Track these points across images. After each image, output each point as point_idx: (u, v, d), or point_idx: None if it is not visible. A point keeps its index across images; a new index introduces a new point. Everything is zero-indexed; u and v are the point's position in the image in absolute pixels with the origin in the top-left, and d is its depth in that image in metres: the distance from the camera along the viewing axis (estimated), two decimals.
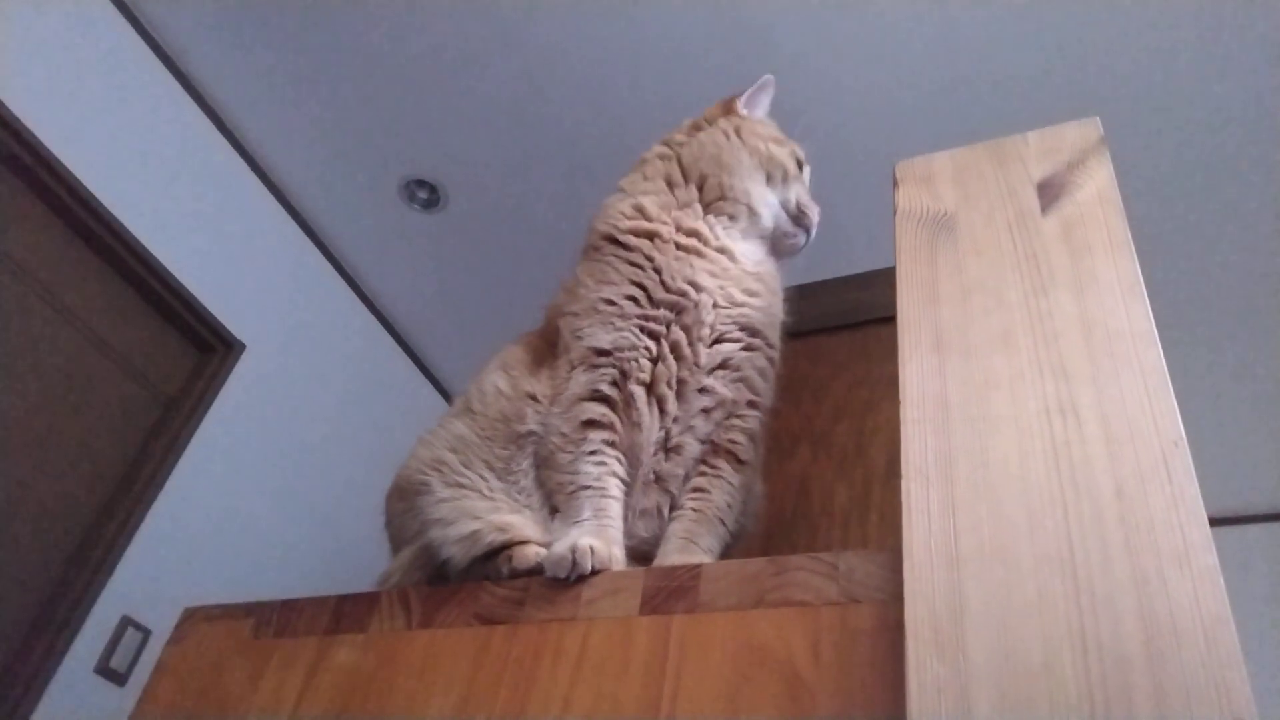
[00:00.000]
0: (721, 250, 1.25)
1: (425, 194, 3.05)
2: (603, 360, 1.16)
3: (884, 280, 1.81)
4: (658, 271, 1.20)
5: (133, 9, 2.58)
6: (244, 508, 2.79)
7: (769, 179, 1.33)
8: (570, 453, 1.11)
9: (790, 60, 2.45)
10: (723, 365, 1.19)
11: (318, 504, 3.04)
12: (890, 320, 1.85)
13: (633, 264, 1.22)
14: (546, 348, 1.26)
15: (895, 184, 1.05)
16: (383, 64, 2.65)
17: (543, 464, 1.14)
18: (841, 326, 1.89)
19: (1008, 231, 0.94)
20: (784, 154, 1.36)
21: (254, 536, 2.80)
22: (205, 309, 2.74)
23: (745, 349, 1.21)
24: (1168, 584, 0.68)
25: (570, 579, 0.97)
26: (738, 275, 1.24)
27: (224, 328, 2.81)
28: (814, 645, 0.79)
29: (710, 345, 1.18)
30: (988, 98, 2.43)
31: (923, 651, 0.70)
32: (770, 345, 1.25)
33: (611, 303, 1.19)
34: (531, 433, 1.16)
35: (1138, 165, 2.40)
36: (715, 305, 1.19)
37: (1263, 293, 2.69)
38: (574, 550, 0.97)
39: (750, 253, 1.29)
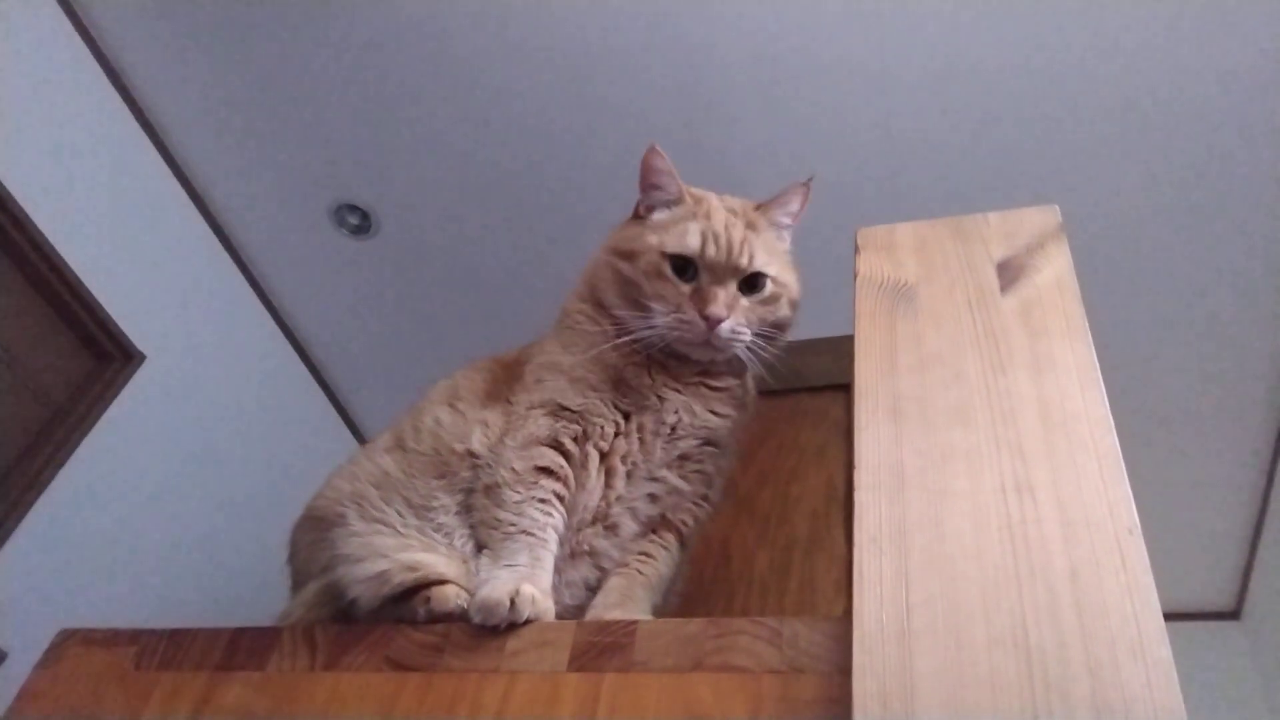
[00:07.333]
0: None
1: (356, 219, 2.95)
2: (567, 414, 1.14)
3: (820, 349, 1.83)
4: None
5: (72, 4, 2.47)
6: (127, 529, 2.60)
7: None
8: (519, 493, 1.06)
9: (733, 120, 2.49)
10: (682, 458, 1.18)
11: (207, 530, 2.86)
12: (823, 390, 1.86)
13: None
14: (511, 381, 1.21)
15: (856, 250, 1.05)
16: (325, 84, 2.59)
17: (483, 493, 1.08)
18: (772, 391, 1.89)
19: (968, 307, 0.95)
20: None
21: (135, 561, 2.61)
22: (106, 314, 2.58)
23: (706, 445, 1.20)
24: (1121, 674, 0.67)
25: (501, 627, 0.91)
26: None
27: (124, 336, 2.64)
28: (754, 715, 0.76)
29: (668, 440, 1.17)
30: (939, 177, 2.48)
31: None
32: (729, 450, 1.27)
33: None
34: (471, 454, 1.12)
35: (1094, 253, 2.46)
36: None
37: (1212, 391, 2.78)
38: (515, 596, 0.91)
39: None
